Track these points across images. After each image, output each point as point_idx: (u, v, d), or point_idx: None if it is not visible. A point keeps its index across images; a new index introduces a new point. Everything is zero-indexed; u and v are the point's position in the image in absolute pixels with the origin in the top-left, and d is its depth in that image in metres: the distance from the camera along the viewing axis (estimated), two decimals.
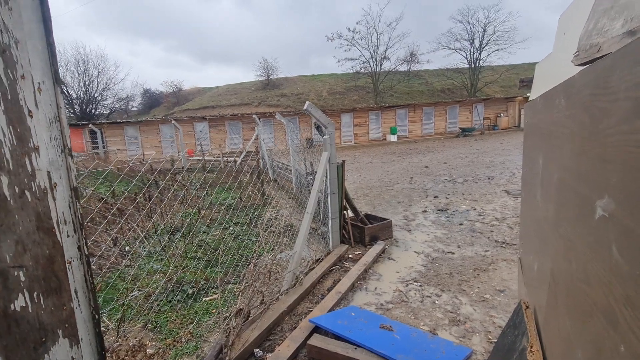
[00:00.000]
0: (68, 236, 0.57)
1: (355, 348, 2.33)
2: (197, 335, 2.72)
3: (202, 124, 22.66)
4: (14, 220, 0.49)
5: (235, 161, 10.63)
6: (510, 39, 40.95)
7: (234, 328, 2.55)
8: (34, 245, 0.51)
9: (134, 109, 40.82)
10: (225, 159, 11.11)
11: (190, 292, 3.51)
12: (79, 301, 0.58)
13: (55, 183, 0.54)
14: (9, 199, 0.48)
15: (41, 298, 0.51)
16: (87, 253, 0.59)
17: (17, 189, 0.49)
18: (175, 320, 2.94)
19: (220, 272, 3.64)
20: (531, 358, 0.87)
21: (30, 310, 0.50)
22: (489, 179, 8.72)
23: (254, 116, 12.26)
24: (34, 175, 0.51)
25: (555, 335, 0.79)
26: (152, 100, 42.30)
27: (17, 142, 0.49)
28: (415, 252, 4.38)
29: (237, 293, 3.44)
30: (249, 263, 4.03)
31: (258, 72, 41.96)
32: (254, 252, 4.17)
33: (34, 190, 0.51)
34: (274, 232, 4.96)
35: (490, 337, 2.59)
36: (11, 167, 0.48)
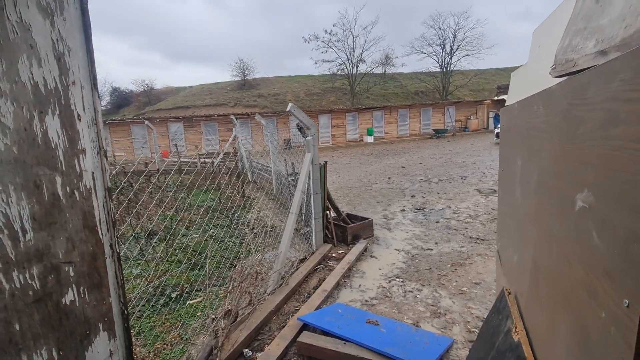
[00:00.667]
0: (104, 235, 0.59)
1: (345, 343, 2.40)
2: (184, 338, 2.69)
3: (176, 124, 22.00)
4: (65, 219, 0.50)
5: (212, 162, 10.43)
6: (478, 44, 43.06)
7: (222, 329, 2.54)
8: (81, 242, 0.52)
9: (102, 108, 38.90)
10: (202, 160, 10.88)
11: (173, 295, 3.45)
12: (111, 297, 0.59)
13: (95, 184, 0.56)
14: (62, 198, 0.50)
15: (86, 293, 0.53)
16: (118, 251, 0.61)
17: (68, 189, 0.51)
18: (164, 323, 2.88)
19: (207, 274, 3.60)
20: (516, 337, 0.98)
21: (77, 305, 0.51)
22: (462, 178, 9.12)
23: (232, 117, 12.09)
24: (81, 175, 0.52)
25: (538, 314, 0.89)
26: (121, 99, 40.49)
27: (68, 145, 0.50)
28: (395, 249, 4.52)
29: (222, 295, 3.42)
30: (233, 265, 4.00)
31: (234, 72, 41.31)
32: (241, 253, 4.15)
33: (81, 190, 0.53)
34: (256, 234, 4.95)
35: (469, 327, 2.75)
36: (64, 168, 0.50)
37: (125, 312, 0.62)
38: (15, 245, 0.44)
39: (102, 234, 0.57)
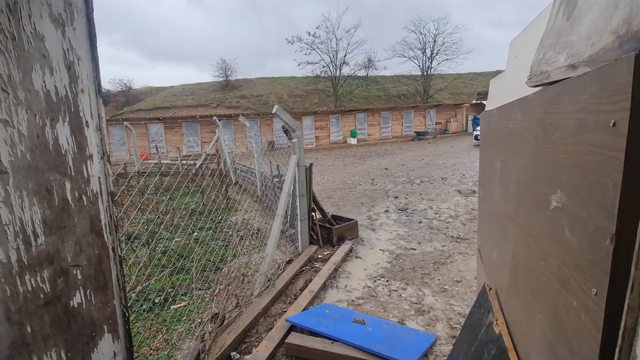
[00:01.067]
0: (107, 238, 0.59)
1: (333, 342, 2.44)
2: (170, 343, 2.65)
3: (156, 125, 21.46)
4: (74, 223, 0.51)
5: (195, 164, 10.26)
6: (457, 50, 44.32)
7: (210, 333, 2.52)
8: (88, 246, 0.53)
9: None
10: (185, 162, 10.67)
11: (156, 300, 3.38)
12: (114, 299, 0.60)
13: (101, 188, 0.57)
14: (70, 203, 0.51)
15: (92, 295, 0.54)
16: (120, 254, 0.62)
17: (76, 194, 0.51)
18: (150, 329, 2.82)
19: (187, 279, 3.55)
20: (497, 329, 1.04)
21: (84, 307, 0.52)
22: (442, 179, 9.37)
23: (215, 118, 11.93)
24: (89, 180, 0.53)
25: (517, 306, 0.96)
26: None
27: (77, 151, 0.51)
28: (380, 249, 4.61)
29: (207, 299, 3.38)
30: (219, 268, 3.96)
31: (216, 73, 40.68)
32: (226, 256, 4.11)
33: (88, 194, 0.53)
34: (244, 236, 4.92)
35: (451, 323, 2.85)
36: (73, 174, 0.50)
37: (127, 314, 0.63)
38: (28, 250, 0.45)
39: (107, 237, 0.58)
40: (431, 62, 38.24)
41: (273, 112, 4.22)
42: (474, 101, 28.50)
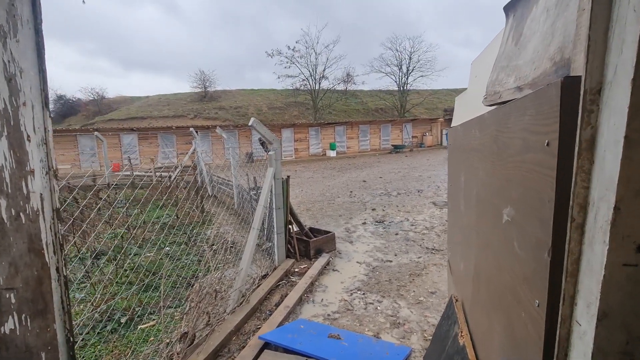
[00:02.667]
0: (50, 258, 0.55)
1: (307, 359, 2.39)
2: None
3: (130, 135, 20.78)
4: (9, 242, 0.47)
5: (170, 176, 9.97)
6: (431, 67, 46.31)
7: (178, 354, 2.41)
8: (25, 267, 0.49)
9: None
10: (158, 174, 10.35)
11: (122, 320, 3.20)
12: (55, 324, 0.56)
13: (43, 205, 0.53)
14: (5, 222, 0.47)
15: (29, 320, 0.49)
16: (65, 274, 0.58)
17: (13, 212, 0.48)
18: (112, 351, 2.65)
19: (162, 295, 3.39)
20: (462, 341, 1.06)
21: (18, 333, 0.48)
22: (418, 192, 9.59)
23: (192, 129, 11.72)
24: (29, 197, 0.50)
25: (479, 318, 0.98)
26: (67, 108, 37.45)
27: (16, 166, 0.48)
28: (357, 262, 4.61)
29: (177, 317, 3.24)
30: (190, 284, 3.82)
31: (194, 84, 40.14)
32: (199, 271, 3.97)
33: (27, 212, 0.50)
34: (218, 250, 4.78)
35: (426, 335, 2.87)
36: (9, 191, 0.47)
37: (71, 339, 0.59)
38: None
39: (48, 257, 0.54)
40: (407, 78, 39.67)
41: (249, 124, 4.20)
42: (447, 117, 29.73)
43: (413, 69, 39.33)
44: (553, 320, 0.48)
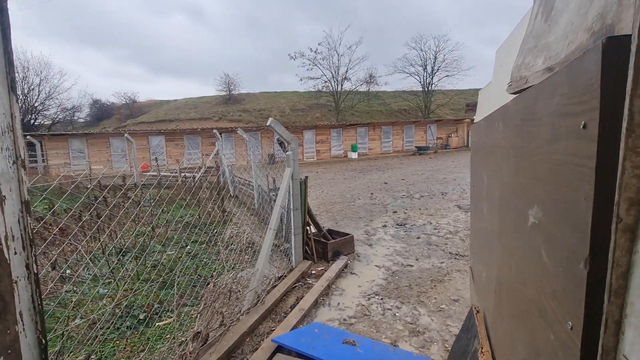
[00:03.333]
0: (15, 253, 0.52)
1: None
2: None
3: (158, 137, 21.62)
4: None
5: (194, 177, 10.23)
6: (457, 66, 44.90)
7: (190, 353, 2.40)
8: None
9: (81, 120, 37.89)
10: (183, 174, 10.65)
11: (141, 317, 3.26)
12: (24, 325, 0.52)
13: (5, 196, 0.50)
14: None
15: None
16: (36, 272, 0.54)
17: None
18: (125, 348, 2.70)
19: (176, 293, 3.43)
20: (482, 358, 0.95)
21: None
22: (442, 194, 9.26)
23: (215, 131, 11.99)
24: None
25: (502, 334, 0.87)
26: (102, 111, 39.60)
27: None
28: (376, 265, 4.48)
29: (194, 316, 3.26)
30: (208, 283, 3.84)
31: (219, 87, 41.21)
32: (214, 271, 4.00)
33: None
34: (234, 249, 4.81)
35: (447, 345, 2.71)
36: None
37: (44, 341, 0.55)
38: None
39: (9, 253, 0.51)
40: (432, 78, 38.70)
41: (267, 124, 4.19)
42: (473, 116, 28.68)
43: (438, 69, 38.35)
44: (591, 350, 0.37)
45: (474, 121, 1.88)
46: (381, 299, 3.56)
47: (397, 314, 3.23)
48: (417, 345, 2.73)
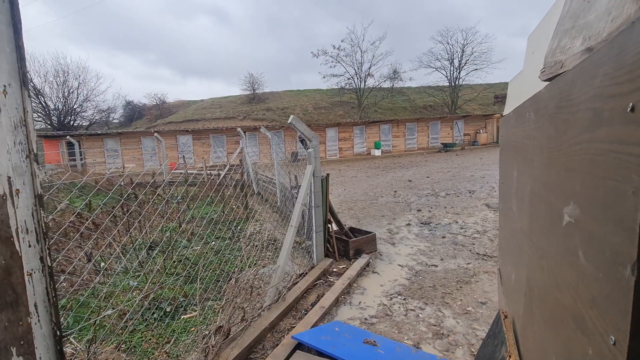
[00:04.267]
0: (30, 246, 0.53)
1: None
2: (174, 355, 2.60)
3: (185, 136, 22.38)
4: None
5: (218, 174, 10.49)
6: (487, 59, 43.01)
7: (212, 347, 2.45)
8: None
9: (115, 121, 40.00)
10: (208, 172, 10.96)
11: (168, 309, 3.37)
12: (38, 316, 0.53)
13: (18, 189, 0.51)
14: None
15: None
16: (50, 264, 0.55)
17: None
18: (150, 339, 2.80)
19: (200, 288, 3.53)
20: None
21: None
22: (470, 192, 8.93)
23: (239, 129, 12.22)
24: None
25: (532, 343, 0.80)
26: (134, 112, 41.56)
27: None
28: (399, 265, 4.38)
29: (217, 310, 3.33)
30: (230, 278, 3.92)
31: (243, 86, 42.00)
32: (236, 266, 4.07)
33: None
34: (256, 246, 4.87)
35: (473, 350, 2.59)
36: None
37: (58, 332, 0.56)
38: None
39: (21, 245, 0.52)
40: (459, 73, 37.33)
41: (289, 122, 4.20)
42: (493, 105, 27.29)
43: (466, 62, 36.91)
44: None
45: (504, 114, 1.77)
46: (404, 299, 3.48)
47: (420, 315, 3.14)
48: (441, 348, 2.64)
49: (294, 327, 2.96)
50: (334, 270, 4.26)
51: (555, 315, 0.61)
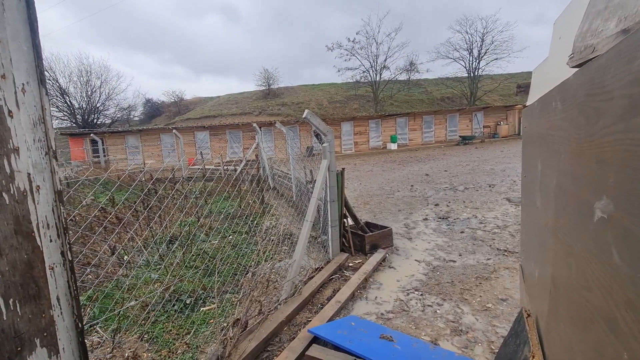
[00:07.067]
0: (51, 241, 0.55)
1: (355, 359, 2.28)
2: (194, 346, 2.67)
3: (202, 132, 22.78)
4: None
5: (235, 169, 10.63)
6: (508, 48, 41.37)
7: (230, 339, 2.50)
8: (11, 249, 0.49)
9: (136, 118, 41.18)
10: (225, 167, 11.13)
11: (187, 301, 3.46)
12: (61, 308, 0.55)
13: (39, 186, 0.53)
14: None
15: (17, 305, 0.49)
16: (70, 259, 0.57)
17: None
18: (171, 330, 2.89)
19: (218, 281, 3.60)
20: None
21: (5, 318, 0.48)
22: (489, 186, 8.69)
23: (254, 125, 12.32)
24: (12, 177, 0.49)
25: (557, 343, 0.76)
26: (153, 109, 42.64)
27: None
28: (416, 260, 4.33)
29: (235, 303, 3.39)
30: (247, 272, 3.98)
31: (258, 82, 42.22)
32: (252, 260, 4.13)
33: (12, 192, 0.49)
34: (272, 240, 4.92)
35: (493, 347, 2.54)
36: None
37: (80, 325, 0.58)
38: None
39: (42, 240, 0.53)
40: (479, 63, 36.13)
41: (303, 116, 4.19)
42: (516, 96, 26.26)
43: (486, 52, 35.64)
44: None
45: (527, 104, 1.69)
46: (421, 294, 3.43)
47: (438, 311, 3.10)
48: (459, 345, 2.59)
49: (310, 320, 2.98)
50: (350, 264, 4.25)
51: (584, 316, 0.57)
